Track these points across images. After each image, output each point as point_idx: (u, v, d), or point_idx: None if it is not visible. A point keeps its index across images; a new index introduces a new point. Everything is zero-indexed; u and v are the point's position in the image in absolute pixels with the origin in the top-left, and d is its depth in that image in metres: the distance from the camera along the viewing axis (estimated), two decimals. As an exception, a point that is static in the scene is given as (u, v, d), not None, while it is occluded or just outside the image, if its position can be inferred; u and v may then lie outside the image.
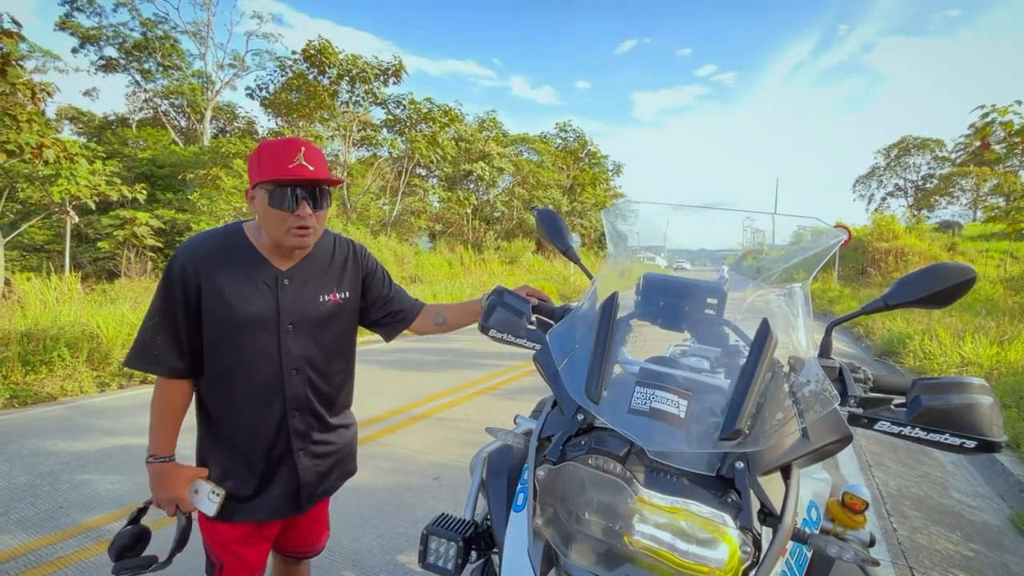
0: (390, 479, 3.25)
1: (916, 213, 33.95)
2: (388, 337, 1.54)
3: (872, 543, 1.04)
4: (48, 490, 3.03)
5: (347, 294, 1.35)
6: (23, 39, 8.17)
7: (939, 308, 1.00)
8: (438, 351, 7.72)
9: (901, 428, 0.91)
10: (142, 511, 1.25)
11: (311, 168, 1.14)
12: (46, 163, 7.81)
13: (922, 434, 0.89)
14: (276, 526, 1.35)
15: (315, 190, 1.17)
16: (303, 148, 1.14)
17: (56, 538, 2.53)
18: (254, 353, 1.20)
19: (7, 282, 7.58)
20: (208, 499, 1.22)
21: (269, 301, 1.21)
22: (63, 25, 16.11)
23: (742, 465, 0.80)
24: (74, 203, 8.45)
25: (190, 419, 1.29)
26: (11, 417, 4.37)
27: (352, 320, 1.40)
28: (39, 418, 4.30)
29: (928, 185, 37.10)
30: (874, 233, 20.59)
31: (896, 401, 0.98)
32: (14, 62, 7.86)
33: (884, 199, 39.78)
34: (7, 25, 7.79)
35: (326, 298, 1.29)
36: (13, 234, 9.20)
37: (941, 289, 0.94)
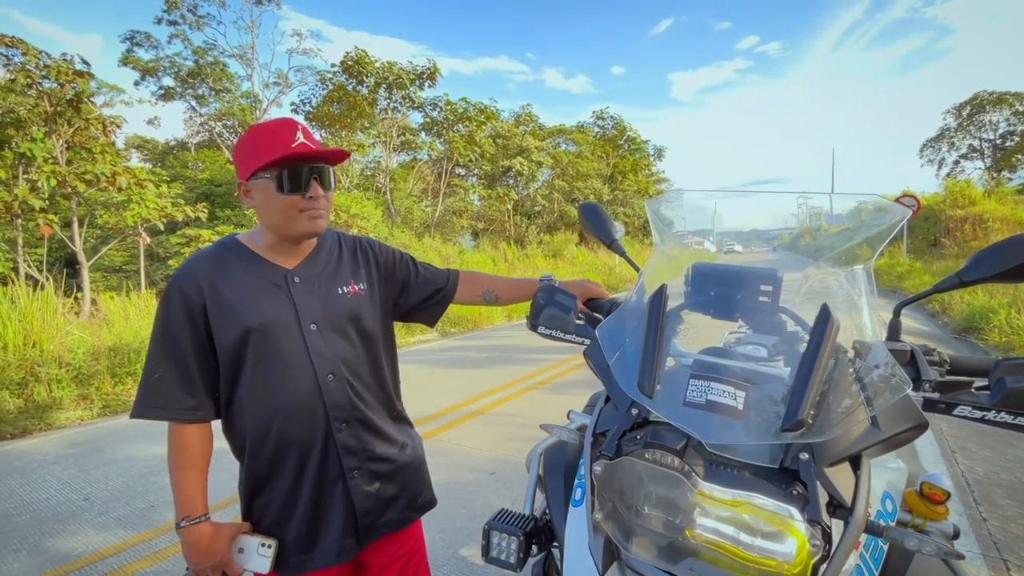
0: (448, 475, 3.34)
1: (995, 175, 30.98)
2: (432, 321, 1.41)
3: (956, 535, 0.98)
4: (141, 491, 3.31)
5: (365, 286, 1.21)
6: (93, 77, 8.88)
7: (1023, 283, 0.92)
8: (487, 348, 7.81)
9: (984, 413, 0.85)
10: None
11: (313, 146, 1.04)
12: (119, 190, 8.48)
13: (1008, 418, 0.83)
14: (346, 570, 1.18)
15: (325, 170, 1.08)
16: (299, 127, 1.04)
17: (151, 534, 2.76)
18: (282, 363, 1.07)
19: (93, 302, 8.29)
20: (258, 554, 1.07)
21: (283, 302, 1.09)
22: (125, 61, 17.34)
23: (807, 456, 0.77)
24: (145, 225, 9.12)
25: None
26: (105, 425, 4.79)
27: (379, 315, 1.24)
28: (129, 426, 4.69)
29: (1008, 144, 33.72)
30: (947, 200, 19.00)
31: (977, 384, 0.91)
32: (86, 99, 8.57)
33: (957, 162, 36.44)
34: (78, 66, 8.51)
35: (345, 290, 1.17)
36: (95, 257, 10.06)
37: None
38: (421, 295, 1.35)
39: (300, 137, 1.03)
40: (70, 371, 5.48)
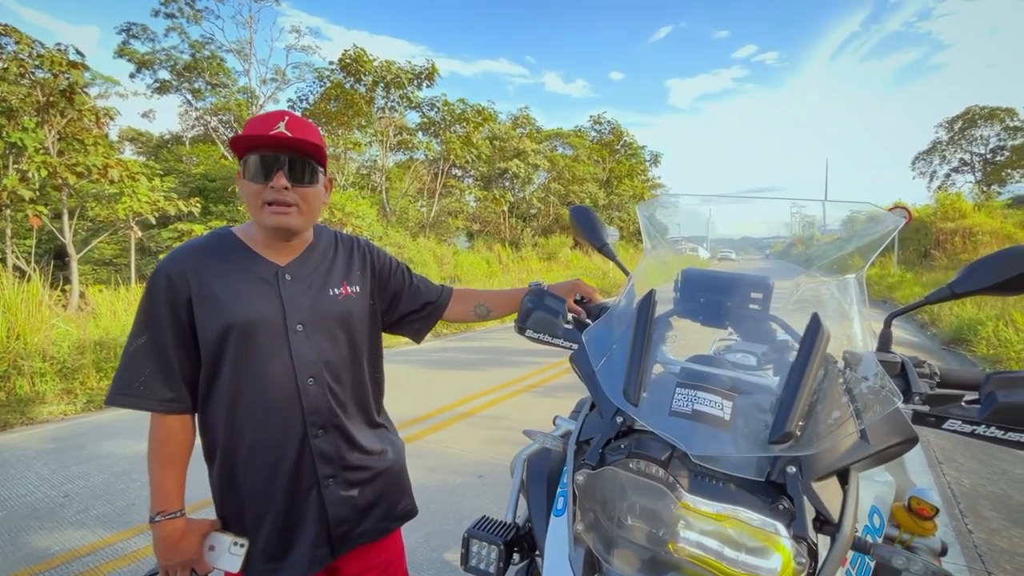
0: (435, 477, 3.30)
1: (985, 189, 31.31)
2: (419, 337, 1.37)
3: (944, 551, 0.96)
4: (122, 488, 3.25)
5: (358, 288, 1.18)
6: (87, 68, 8.78)
7: (1014, 295, 0.91)
8: (477, 350, 7.77)
9: (974, 427, 0.83)
10: None
11: (290, 135, 0.98)
12: (111, 182, 8.37)
13: (999, 433, 0.81)
14: None
15: (296, 161, 1.01)
16: (287, 117, 1.00)
17: (129, 534, 2.71)
18: (262, 363, 1.04)
19: (82, 295, 8.18)
20: (229, 553, 1.05)
21: (271, 300, 1.05)
22: (121, 53, 17.20)
23: (794, 470, 0.75)
24: (137, 219, 9.01)
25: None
26: (88, 420, 4.72)
27: (369, 320, 1.21)
28: (113, 421, 4.61)
29: (998, 158, 34.11)
30: (938, 213, 19.20)
31: (967, 397, 0.90)
32: (80, 90, 8.47)
33: (948, 175, 36.81)
34: (73, 57, 8.40)
35: (336, 291, 1.13)
36: (85, 250, 9.93)
37: (1017, 274, 0.85)
38: (411, 306, 1.32)
39: (282, 127, 0.99)
40: (54, 365, 5.40)
